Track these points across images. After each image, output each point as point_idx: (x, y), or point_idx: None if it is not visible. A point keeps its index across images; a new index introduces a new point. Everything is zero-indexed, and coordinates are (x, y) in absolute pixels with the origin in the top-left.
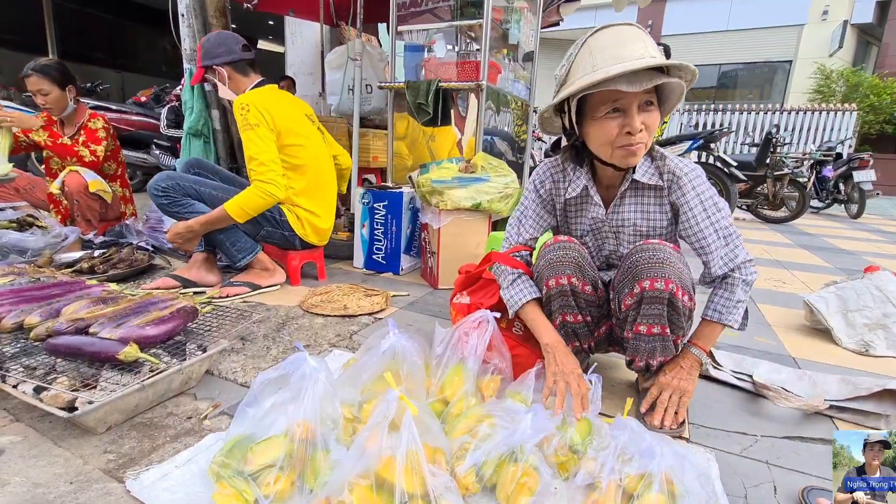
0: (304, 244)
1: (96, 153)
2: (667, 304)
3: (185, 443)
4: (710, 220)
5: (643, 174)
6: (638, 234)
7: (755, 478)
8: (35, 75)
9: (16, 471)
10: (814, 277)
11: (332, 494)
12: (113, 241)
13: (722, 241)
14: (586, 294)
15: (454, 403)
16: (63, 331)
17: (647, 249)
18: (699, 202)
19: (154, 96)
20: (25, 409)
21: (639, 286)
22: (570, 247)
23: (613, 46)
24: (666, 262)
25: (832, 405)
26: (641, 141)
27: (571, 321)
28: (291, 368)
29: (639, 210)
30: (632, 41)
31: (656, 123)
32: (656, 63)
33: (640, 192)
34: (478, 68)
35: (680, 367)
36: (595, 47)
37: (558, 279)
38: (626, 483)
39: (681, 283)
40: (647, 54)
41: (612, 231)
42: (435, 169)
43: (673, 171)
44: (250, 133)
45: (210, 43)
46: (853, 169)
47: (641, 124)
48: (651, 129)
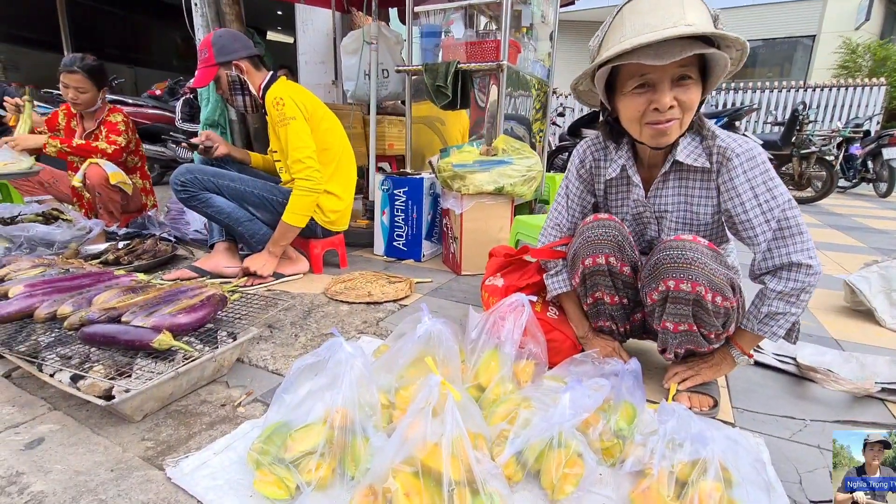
0: (325, 232)
1: (117, 142)
2: (693, 303)
3: (221, 430)
4: (761, 209)
5: (687, 155)
6: (680, 222)
7: (808, 463)
8: (80, 73)
9: (57, 459)
10: (848, 258)
11: (376, 482)
12: (136, 233)
13: (770, 233)
14: (625, 275)
15: (491, 389)
16: (96, 320)
17: (675, 247)
18: (749, 187)
19: (168, 89)
20: (62, 397)
21: (664, 284)
22: (610, 225)
23: (647, 12)
24: (694, 262)
25: (883, 388)
26: (673, 118)
27: (608, 302)
28: (327, 354)
29: (682, 195)
30: (669, 5)
31: (694, 99)
32: (686, 32)
33: (684, 174)
34: (498, 48)
35: (712, 360)
36: (628, 13)
37: (595, 258)
38: (679, 470)
39: (711, 285)
40: (681, 21)
41: (653, 216)
42: (456, 153)
43: (723, 152)
44: (288, 128)
45: (224, 39)
46: (882, 146)
47: (674, 100)
48: (688, 106)
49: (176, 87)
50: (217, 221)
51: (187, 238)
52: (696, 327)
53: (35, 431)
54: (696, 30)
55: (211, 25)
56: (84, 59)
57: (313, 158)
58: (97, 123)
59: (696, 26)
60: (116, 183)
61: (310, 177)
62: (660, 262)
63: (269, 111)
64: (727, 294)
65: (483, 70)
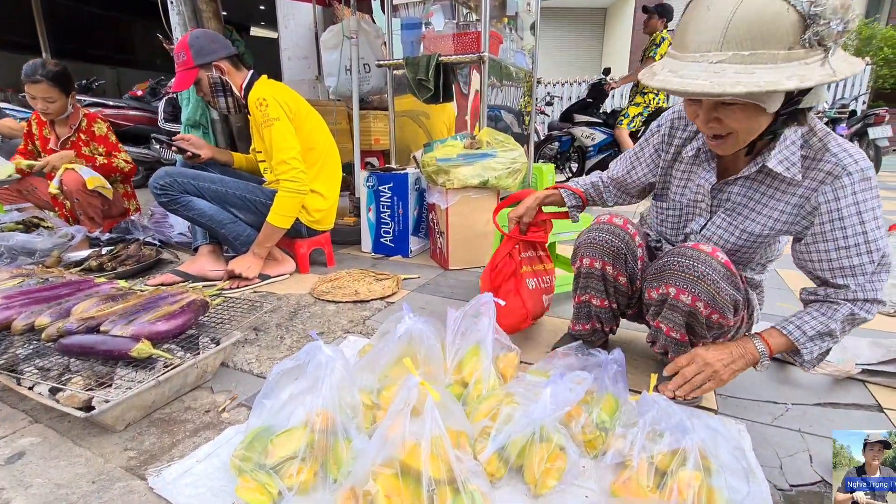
0: (310, 231)
1: (128, 160)
2: (688, 315)
3: (205, 436)
4: (866, 238)
5: (779, 162)
6: (732, 225)
7: (789, 447)
8: (45, 82)
9: (38, 472)
10: None
11: (357, 484)
12: (120, 238)
13: (871, 266)
14: (619, 283)
15: (473, 385)
16: (74, 330)
17: (687, 256)
18: (856, 211)
19: (150, 90)
20: (43, 409)
21: (665, 288)
22: (617, 232)
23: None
24: (702, 278)
25: (864, 369)
26: (719, 134)
27: (597, 304)
28: (307, 358)
29: (750, 198)
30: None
31: (744, 123)
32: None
33: (767, 183)
34: (479, 39)
35: (728, 351)
36: (686, 16)
37: (593, 261)
38: (659, 460)
39: (712, 303)
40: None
41: (707, 210)
42: (439, 147)
43: (833, 169)
44: (272, 129)
45: (202, 40)
46: (868, 126)
47: (714, 121)
48: (736, 128)
49: (158, 87)
50: (199, 224)
51: (172, 241)
52: (688, 337)
53: (16, 445)
54: (709, 87)
55: (188, 23)
56: (45, 65)
57: (298, 159)
58: (73, 129)
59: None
60: (94, 188)
61: (295, 178)
62: (668, 265)
63: (252, 112)
64: (727, 314)
65: (465, 62)
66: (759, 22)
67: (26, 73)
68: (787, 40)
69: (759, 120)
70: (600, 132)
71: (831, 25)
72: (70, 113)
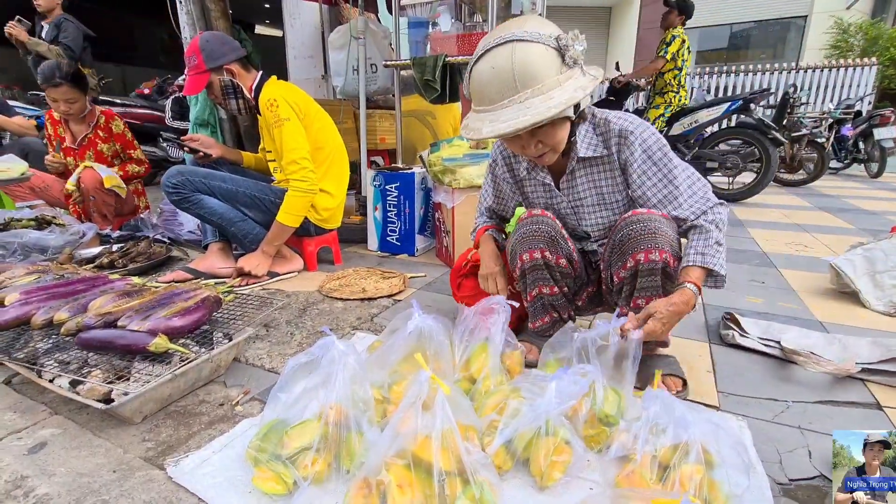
0: (318, 230)
1: (143, 159)
2: (661, 273)
3: (220, 429)
4: (667, 170)
5: (587, 148)
6: (596, 206)
7: (789, 443)
8: (66, 84)
9: (60, 461)
10: (837, 239)
11: (370, 475)
12: (130, 236)
13: (688, 190)
14: (561, 267)
15: (481, 380)
16: (93, 325)
17: (638, 221)
18: (647, 157)
19: (157, 88)
20: (62, 401)
21: (632, 259)
22: (542, 220)
23: (485, 85)
24: (658, 232)
25: (864, 368)
26: (545, 152)
27: (548, 293)
28: (320, 353)
29: (591, 182)
30: (501, 79)
31: (558, 137)
32: (514, 127)
33: (588, 164)
34: None
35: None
36: (474, 81)
37: (532, 253)
38: (661, 454)
39: (672, 252)
40: (516, 99)
41: (570, 207)
42: (446, 147)
43: (619, 133)
44: (282, 129)
45: (212, 44)
46: (874, 126)
47: (538, 143)
48: (553, 143)
49: (164, 85)
50: (210, 223)
51: (181, 239)
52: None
53: (37, 436)
54: (521, 122)
55: (196, 23)
56: (61, 67)
57: (308, 159)
58: (91, 127)
59: (527, 104)
60: (111, 186)
61: (305, 178)
62: (627, 236)
63: (262, 113)
64: (680, 258)
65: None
66: (534, 63)
67: (45, 77)
68: (557, 67)
69: (565, 129)
70: None
71: (576, 47)
72: (88, 111)
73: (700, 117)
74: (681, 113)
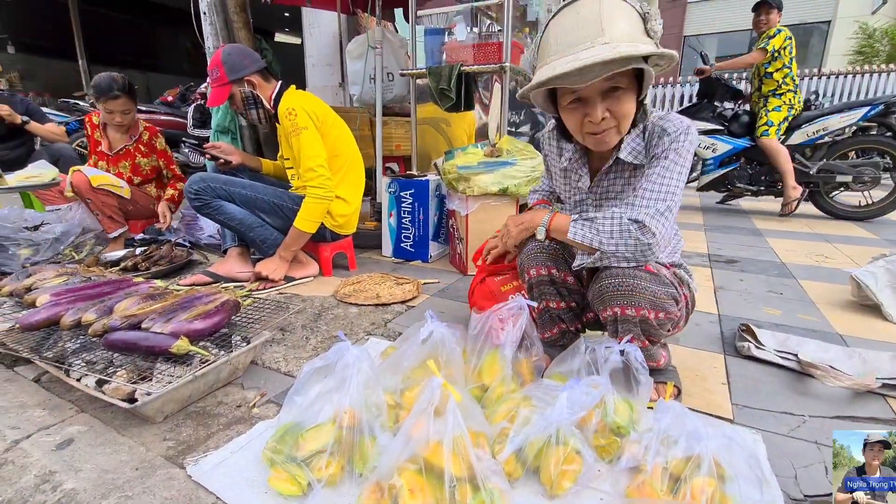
0: (334, 235)
1: (180, 176)
2: (640, 323)
3: (238, 430)
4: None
5: (629, 153)
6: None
7: (805, 458)
8: (125, 96)
9: (86, 458)
10: (859, 250)
11: (383, 478)
12: (152, 239)
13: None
14: (569, 284)
15: (493, 388)
16: (118, 327)
17: (617, 275)
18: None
19: (180, 95)
20: (88, 400)
21: (611, 310)
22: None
23: (569, 31)
24: (636, 289)
25: (885, 383)
26: (609, 127)
27: (555, 307)
28: (335, 358)
29: (623, 186)
30: (588, 22)
31: (628, 107)
32: (600, 57)
33: (626, 168)
34: (500, 49)
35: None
36: (552, 33)
37: (539, 269)
38: (673, 466)
39: (653, 306)
40: (599, 40)
41: (595, 203)
42: (460, 154)
43: (658, 131)
44: (301, 137)
45: (234, 57)
46: None
47: (606, 111)
48: (621, 115)
49: (187, 92)
50: (229, 228)
51: (201, 243)
52: (648, 342)
53: (65, 433)
54: (610, 54)
55: (219, 33)
56: (116, 80)
57: (325, 167)
58: (133, 139)
59: (614, 45)
60: (99, 185)
61: (322, 185)
62: (604, 289)
63: (281, 121)
64: (670, 309)
65: (486, 72)
66: (623, 16)
67: (102, 89)
68: (640, 30)
69: (633, 104)
70: (724, 142)
71: (657, 22)
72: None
73: (831, 124)
74: (800, 119)
